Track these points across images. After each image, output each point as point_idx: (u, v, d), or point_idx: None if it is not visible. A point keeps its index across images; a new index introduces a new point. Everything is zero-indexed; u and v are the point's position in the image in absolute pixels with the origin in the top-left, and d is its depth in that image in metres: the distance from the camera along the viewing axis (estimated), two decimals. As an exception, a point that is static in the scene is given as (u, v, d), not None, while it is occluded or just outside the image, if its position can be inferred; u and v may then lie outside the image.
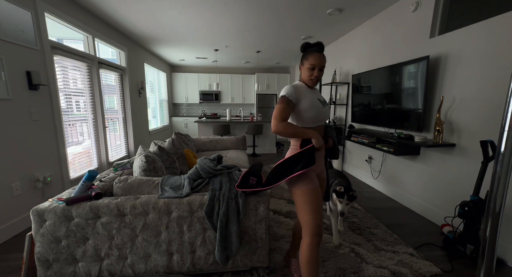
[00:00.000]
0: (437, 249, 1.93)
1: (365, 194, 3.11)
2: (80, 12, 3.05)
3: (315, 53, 1.29)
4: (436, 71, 2.35)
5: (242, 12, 3.23)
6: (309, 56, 1.29)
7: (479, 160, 1.86)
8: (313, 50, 1.30)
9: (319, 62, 1.28)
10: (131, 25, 3.80)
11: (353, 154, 3.98)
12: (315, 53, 1.29)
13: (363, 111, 3.49)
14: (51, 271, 1.42)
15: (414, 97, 2.50)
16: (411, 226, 2.30)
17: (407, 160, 2.77)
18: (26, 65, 2.25)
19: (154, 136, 5.88)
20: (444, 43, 2.28)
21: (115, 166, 2.03)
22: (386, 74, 2.91)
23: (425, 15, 2.50)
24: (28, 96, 2.28)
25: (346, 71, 4.17)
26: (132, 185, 1.56)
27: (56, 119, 2.61)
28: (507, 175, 0.70)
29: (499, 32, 1.82)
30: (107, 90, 3.82)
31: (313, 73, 1.30)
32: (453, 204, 2.16)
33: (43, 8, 2.44)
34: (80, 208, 1.40)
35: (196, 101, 7.73)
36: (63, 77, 2.82)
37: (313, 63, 1.28)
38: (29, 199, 2.29)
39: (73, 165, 2.97)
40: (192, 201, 1.47)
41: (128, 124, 4.56)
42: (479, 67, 1.97)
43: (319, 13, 3.23)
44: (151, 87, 5.99)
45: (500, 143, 0.70)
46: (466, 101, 2.08)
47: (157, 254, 1.48)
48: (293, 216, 2.43)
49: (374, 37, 3.36)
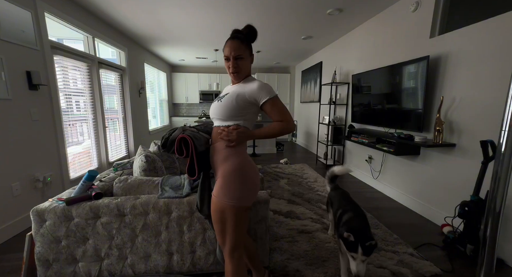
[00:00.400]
0: (437, 249, 1.93)
1: (365, 194, 3.11)
2: (80, 12, 3.05)
3: (227, 41, 1.13)
4: (436, 71, 2.35)
5: (242, 12, 3.23)
6: (224, 47, 1.15)
7: (479, 160, 1.86)
8: (228, 39, 1.15)
9: (229, 50, 1.12)
10: (131, 25, 3.80)
11: (353, 154, 3.98)
12: (227, 41, 1.13)
13: (363, 111, 3.49)
14: (51, 271, 1.42)
15: (414, 97, 2.50)
16: (411, 226, 2.30)
17: (407, 160, 2.77)
18: (26, 65, 2.25)
19: (154, 136, 5.88)
20: (444, 43, 2.28)
21: (115, 166, 2.03)
22: (386, 74, 2.90)
23: (425, 15, 2.50)
24: (28, 96, 2.28)
25: (346, 71, 4.17)
26: (132, 185, 1.56)
27: (56, 119, 2.61)
28: (507, 175, 0.70)
29: (499, 32, 1.82)
30: (107, 90, 3.82)
31: (229, 64, 1.14)
32: (453, 204, 2.15)
33: (43, 8, 2.44)
34: (80, 208, 1.40)
35: (196, 101, 7.73)
36: (63, 77, 2.82)
37: (225, 54, 1.13)
38: (29, 199, 2.29)
39: (73, 165, 2.97)
40: (192, 201, 1.47)
41: (128, 124, 4.56)
42: (479, 67, 1.96)
43: (319, 13, 3.23)
44: (151, 87, 5.99)
45: (500, 143, 0.70)
46: (466, 101, 2.08)
47: (157, 254, 1.48)
48: (293, 216, 2.43)
49: (374, 37, 3.36)
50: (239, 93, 1.13)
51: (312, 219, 2.38)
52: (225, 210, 1.09)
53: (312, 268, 1.67)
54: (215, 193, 1.12)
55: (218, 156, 1.15)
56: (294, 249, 1.89)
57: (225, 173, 1.10)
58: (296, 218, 2.39)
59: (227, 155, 1.12)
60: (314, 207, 2.67)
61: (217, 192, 1.11)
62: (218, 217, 1.11)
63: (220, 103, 1.15)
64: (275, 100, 1.11)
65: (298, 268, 1.67)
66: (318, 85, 5.46)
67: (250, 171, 1.14)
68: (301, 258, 1.78)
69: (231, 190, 1.09)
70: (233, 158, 1.12)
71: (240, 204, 1.09)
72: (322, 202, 2.78)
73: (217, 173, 1.16)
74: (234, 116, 1.13)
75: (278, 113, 1.11)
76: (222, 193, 1.09)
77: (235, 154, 1.13)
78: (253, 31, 1.15)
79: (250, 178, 1.13)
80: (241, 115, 1.14)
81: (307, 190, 3.17)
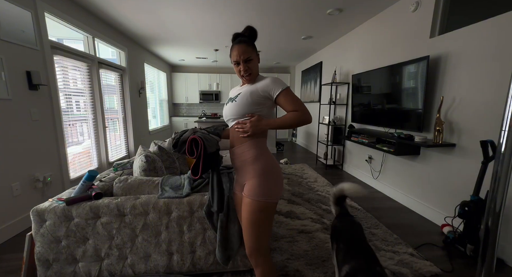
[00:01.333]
0: (437, 249, 1.93)
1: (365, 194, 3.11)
2: (80, 12, 3.05)
3: (234, 46, 1.16)
4: (436, 71, 2.35)
5: (242, 12, 3.23)
6: (231, 51, 1.18)
7: (479, 160, 1.86)
8: (233, 43, 1.17)
9: (237, 55, 1.13)
10: (131, 25, 3.80)
11: (353, 154, 3.98)
12: (234, 46, 1.16)
13: (363, 111, 3.49)
14: (51, 271, 1.42)
15: (414, 97, 2.50)
16: (411, 226, 2.30)
17: (407, 160, 2.77)
18: (26, 65, 2.25)
19: (154, 136, 5.88)
20: (444, 43, 2.27)
21: (115, 166, 2.03)
22: (386, 74, 2.90)
23: (425, 15, 2.49)
24: (28, 96, 2.28)
25: (346, 71, 4.17)
26: (132, 185, 1.56)
27: (56, 119, 2.61)
28: (507, 175, 0.70)
29: (499, 32, 1.82)
30: (107, 90, 3.82)
31: (239, 68, 1.16)
32: (453, 204, 2.15)
33: (43, 8, 2.44)
34: (80, 208, 1.40)
35: (196, 101, 7.73)
36: (63, 77, 2.82)
37: (235, 59, 1.15)
38: (29, 199, 2.29)
39: (73, 165, 2.97)
40: (192, 201, 1.47)
41: (128, 124, 4.56)
42: (479, 67, 1.96)
43: (319, 13, 3.23)
44: (151, 87, 5.99)
45: (500, 143, 0.70)
46: (466, 101, 2.08)
47: (157, 254, 1.48)
48: (293, 216, 2.43)
49: (374, 37, 3.36)
50: (252, 90, 1.15)
51: (312, 219, 2.38)
52: (264, 209, 1.11)
53: (312, 268, 1.67)
54: (251, 195, 1.11)
55: (243, 158, 1.16)
56: (294, 249, 1.89)
57: (259, 173, 1.12)
58: (296, 218, 2.39)
59: (255, 155, 1.14)
60: (314, 207, 2.67)
61: (253, 193, 1.11)
62: (256, 217, 1.11)
63: (234, 103, 1.17)
64: (288, 91, 1.13)
65: (298, 268, 1.67)
66: (318, 85, 5.45)
67: (278, 166, 1.19)
68: (301, 258, 1.78)
69: (269, 188, 1.11)
70: (263, 157, 1.15)
71: (276, 200, 1.14)
72: (322, 202, 2.78)
73: (244, 175, 1.17)
74: (250, 112, 1.15)
75: (292, 103, 1.11)
76: (260, 192, 1.10)
77: (263, 153, 1.16)
78: (254, 31, 1.18)
79: (279, 173, 1.17)
80: (256, 111, 1.16)
81: (307, 190, 3.17)
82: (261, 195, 1.10)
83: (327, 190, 3.16)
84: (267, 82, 1.14)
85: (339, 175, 3.98)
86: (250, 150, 1.14)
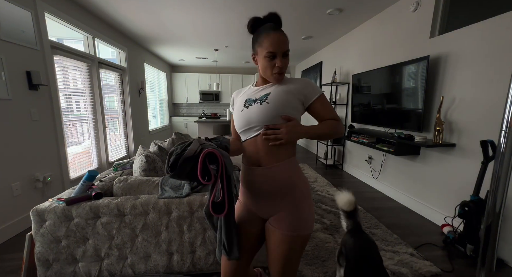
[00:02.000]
0: (437, 249, 1.93)
1: (365, 194, 3.11)
2: (80, 12, 3.05)
3: (271, 33, 0.86)
4: (436, 71, 2.35)
5: (242, 12, 3.23)
6: (264, 40, 0.87)
7: (479, 160, 1.86)
8: (268, 29, 0.88)
9: (277, 45, 0.85)
10: (131, 25, 3.80)
11: (353, 154, 3.98)
12: (271, 33, 0.86)
13: (363, 111, 3.49)
14: (51, 271, 1.42)
15: (414, 97, 2.50)
16: (411, 226, 2.30)
17: (407, 160, 2.77)
18: (26, 65, 2.25)
19: (154, 136, 5.88)
20: (444, 43, 2.27)
21: (115, 166, 2.03)
22: (386, 74, 2.90)
23: (425, 15, 2.49)
24: (28, 96, 2.28)
25: (346, 71, 4.17)
26: (132, 185, 1.56)
27: (56, 119, 2.61)
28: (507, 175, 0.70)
29: (499, 32, 1.82)
30: (107, 90, 3.82)
31: (275, 63, 0.87)
32: (453, 204, 2.15)
33: (43, 8, 2.44)
34: (80, 208, 1.40)
35: (196, 101, 7.73)
36: (63, 77, 2.82)
37: (272, 50, 0.85)
38: (29, 199, 2.29)
39: (73, 165, 2.97)
40: (192, 201, 1.47)
41: (128, 124, 4.56)
42: (479, 67, 1.96)
43: (319, 13, 3.23)
44: (151, 87, 5.99)
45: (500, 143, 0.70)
46: (466, 101, 2.08)
47: (157, 254, 1.48)
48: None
49: (374, 37, 3.36)
50: (286, 90, 0.90)
51: (312, 219, 2.37)
52: (302, 243, 0.91)
53: (312, 268, 1.67)
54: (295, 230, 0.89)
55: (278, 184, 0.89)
56: (294, 249, 1.89)
57: (300, 201, 0.90)
58: (296, 218, 2.39)
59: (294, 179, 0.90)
60: (314, 207, 2.66)
61: (293, 226, 0.89)
62: (298, 254, 0.93)
63: (265, 104, 0.89)
64: (325, 97, 0.94)
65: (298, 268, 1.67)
66: (318, 85, 5.46)
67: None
68: (301, 258, 1.78)
69: (309, 218, 0.91)
70: (301, 180, 0.92)
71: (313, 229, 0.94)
72: (322, 202, 2.78)
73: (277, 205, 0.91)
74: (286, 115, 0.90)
75: (330, 111, 0.92)
76: (301, 226, 0.89)
77: (300, 174, 0.92)
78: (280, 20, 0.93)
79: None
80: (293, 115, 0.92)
81: (307, 190, 3.16)
82: (303, 228, 0.89)
83: (327, 190, 3.16)
84: (301, 84, 0.92)
85: (339, 175, 3.98)
86: (287, 171, 0.89)
